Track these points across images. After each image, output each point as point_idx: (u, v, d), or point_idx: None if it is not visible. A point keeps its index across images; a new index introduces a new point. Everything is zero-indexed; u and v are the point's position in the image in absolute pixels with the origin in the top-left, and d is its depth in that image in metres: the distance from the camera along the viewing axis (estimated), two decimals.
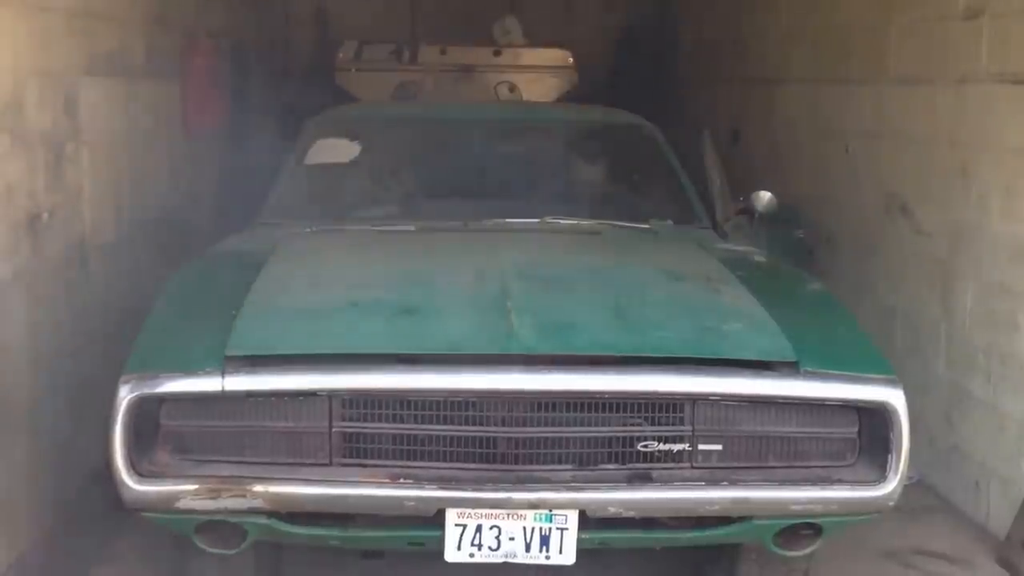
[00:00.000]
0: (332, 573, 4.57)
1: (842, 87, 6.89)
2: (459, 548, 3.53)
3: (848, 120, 6.81)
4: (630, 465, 3.51)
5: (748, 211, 5.53)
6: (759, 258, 4.86)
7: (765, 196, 5.48)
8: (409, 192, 5.50)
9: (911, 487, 4.27)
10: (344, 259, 4.54)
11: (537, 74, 10.99)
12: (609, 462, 3.51)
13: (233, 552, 3.65)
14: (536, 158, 5.79)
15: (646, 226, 5.15)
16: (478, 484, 3.43)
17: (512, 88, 10.85)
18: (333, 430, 3.45)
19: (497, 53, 10.97)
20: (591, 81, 11.03)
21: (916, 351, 5.83)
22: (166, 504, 3.45)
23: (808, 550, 3.78)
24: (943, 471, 5.56)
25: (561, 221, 5.06)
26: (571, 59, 11.09)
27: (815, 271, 5.37)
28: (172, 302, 3.99)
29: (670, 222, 5.26)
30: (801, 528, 3.67)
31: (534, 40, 11.29)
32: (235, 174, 7.86)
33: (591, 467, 3.50)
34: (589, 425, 3.49)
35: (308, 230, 4.93)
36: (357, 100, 9.70)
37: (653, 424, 3.50)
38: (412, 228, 4.95)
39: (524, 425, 3.45)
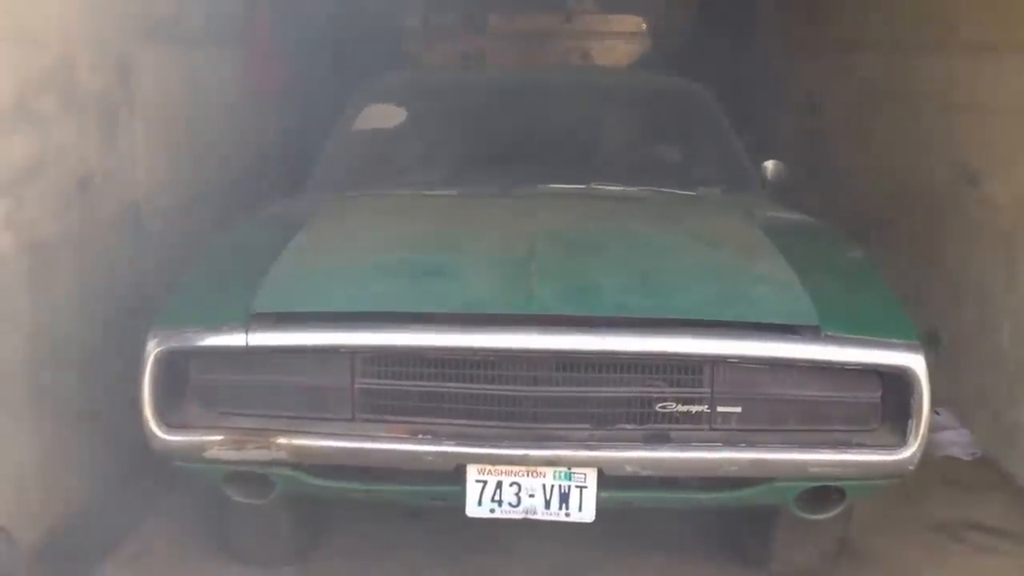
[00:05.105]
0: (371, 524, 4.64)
1: (914, 53, 6.72)
2: (480, 503, 3.60)
3: (919, 87, 6.64)
4: (648, 425, 3.55)
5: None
6: (805, 224, 4.82)
7: (774, 165, 5.52)
8: (455, 158, 5.51)
9: (973, 462, 4.14)
10: (380, 223, 4.58)
11: (609, 41, 10.92)
12: (627, 422, 3.55)
13: (263, 502, 3.77)
14: (585, 124, 5.75)
15: (693, 193, 5.14)
16: (496, 440, 3.50)
17: (584, 55, 10.80)
18: (355, 386, 3.54)
19: (568, 20, 10.90)
20: (666, 48, 10.90)
21: (981, 324, 5.71)
22: (193, 454, 3.58)
23: (832, 513, 3.78)
24: (1006, 447, 5.43)
25: (607, 188, 5.05)
26: (644, 25, 10.99)
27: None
28: (207, 262, 4.12)
29: (719, 189, 5.24)
30: (824, 491, 3.68)
31: (608, 7, 11.18)
32: (297, 140, 7.93)
33: (609, 427, 3.54)
34: (608, 385, 3.52)
35: (351, 194, 5.00)
36: (424, 67, 9.71)
37: (672, 386, 3.53)
38: (455, 193, 4.99)
39: (542, 384, 3.50)
